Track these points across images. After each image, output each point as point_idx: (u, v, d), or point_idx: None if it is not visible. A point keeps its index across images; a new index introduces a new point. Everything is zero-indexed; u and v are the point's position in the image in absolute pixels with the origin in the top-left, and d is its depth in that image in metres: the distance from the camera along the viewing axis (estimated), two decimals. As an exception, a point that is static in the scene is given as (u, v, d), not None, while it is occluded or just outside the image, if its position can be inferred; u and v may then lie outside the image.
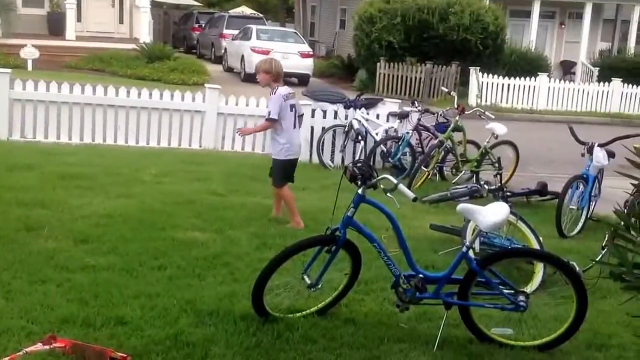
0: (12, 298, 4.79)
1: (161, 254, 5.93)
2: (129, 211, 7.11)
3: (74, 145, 11.04)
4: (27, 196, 7.33)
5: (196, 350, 4.25)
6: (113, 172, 9.01)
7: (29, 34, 22.45)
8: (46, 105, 11.15)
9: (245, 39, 24.60)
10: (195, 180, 8.96)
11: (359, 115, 11.17)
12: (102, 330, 4.42)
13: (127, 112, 11.44)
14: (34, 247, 5.85)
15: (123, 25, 26.95)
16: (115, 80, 15.99)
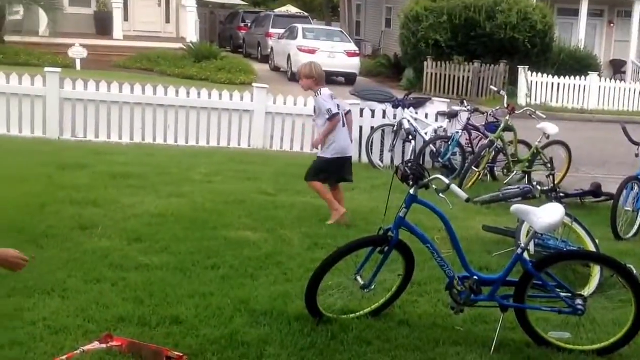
0: (68, 297, 4.85)
1: (214, 253, 5.95)
2: (181, 210, 7.16)
3: (124, 144, 11.18)
4: (80, 195, 7.42)
5: (251, 350, 4.24)
6: (163, 171, 9.09)
7: (76, 33, 22.83)
8: (96, 104, 11.30)
9: (291, 38, 24.65)
10: (245, 180, 8.99)
11: (407, 114, 11.09)
12: (157, 329, 4.44)
13: (176, 111, 11.54)
14: (88, 246, 5.92)
15: (170, 24, 27.25)
16: (163, 80, 16.15)
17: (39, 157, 9.36)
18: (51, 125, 11.08)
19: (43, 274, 5.15)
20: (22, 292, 4.82)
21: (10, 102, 10.99)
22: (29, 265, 5.23)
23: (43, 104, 11.02)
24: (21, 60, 19.56)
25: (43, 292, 4.86)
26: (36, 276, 5.07)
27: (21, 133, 10.98)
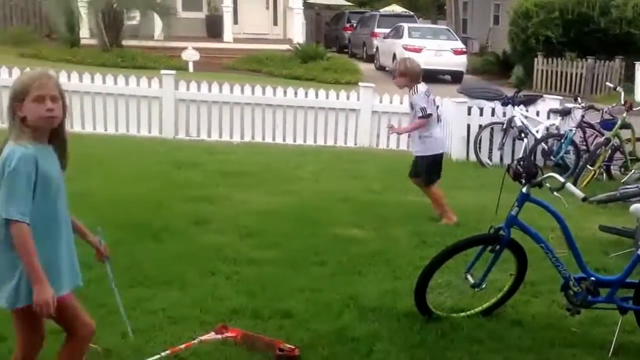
0: (186, 289, 5.04)
1: (322, 250, 6.03)
2: (290, 208, 7.29)
3: (235, 143, 11.49)
4: (194, 192, 7.68)
5: (361, 345, 4.28)
6: (273, 169, 9.28)
7: (189, 36, 23.58)
8: (209, 105, 11.67)
9: (396, 37, 24.59)
10: (351, 178, 9.06)
11: (518, 112, 10.87)
12: (269, 322, 4.55)
13: (284, 111, 11.76)
14: (203, 240, 6.13)
15: (277, 26, 27.75)
16: (271, 81, 16.49)
17: (155, 156, 9.75)
18: (167, 125, 11.52)
19: (162, 266, 5.38)
20: (142, 284, 5.05)
21: (129, 103, 11.49)
22: (150, 258, 5.53)
23: (159, 105, 11.48)
24: (138, 63, 20.40)
25: (162, 283, 5.08)
26: (156, 269, 5.32)
27: (139, 133, 11.47)
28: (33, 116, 3.01)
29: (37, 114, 3.01)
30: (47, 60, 20.13)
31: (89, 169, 8.44)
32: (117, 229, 6.15)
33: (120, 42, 22.27)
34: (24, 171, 2.93)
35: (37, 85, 3.00)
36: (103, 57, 20.79)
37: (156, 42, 23.17)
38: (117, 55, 20.98)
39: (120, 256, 5.49)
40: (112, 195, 7.25)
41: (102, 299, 4.68)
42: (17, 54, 20.96)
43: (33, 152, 2.98)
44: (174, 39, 22.67)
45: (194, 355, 4.02)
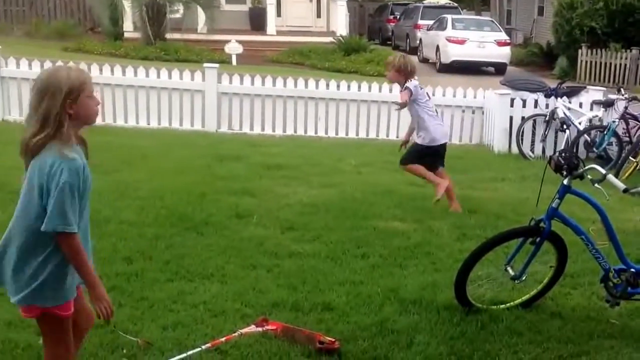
0: (227, 282, 5.09)
1: (363, 242, 6.04)
2: (332, 200, 7.31)
3: (277, 136, 11.55)
4: (237, 185, 7.75)
5: (401, 337, 4.29)
6: (315, 162, 9.31)
7: (232, 29, 23.69)
8: (251, 98, 11.74)
9: (440, 29, 24.40)
10: (393, 171, 9.00)
11: (561, 103, 10.72)
12: (310, 315, 4.58)
13: (326, 104, 11.78)
14: (245, 233, 6.18)
15: (320, 19, 27.73)
16: (314, 73, 16.51)
17: (198, 149, 9.86)
18: (209, 118, 11.63)
19: (203, 259, 5.45)
20: (184, 277, 5.11)
21: (172, 96, 11.63)
22: (191, 250, 5.61)
23: (202, 98, 11.59)
24: (181, 56, 20.60)
25: (203, 277, 5.14)
26: (197, 262, 5.38)
27: (181, 126, 11.60)
28: (87, 112, 3.00)
29: (91, 110, 3.02)
30: (90, 53, 20.45)
31: (132, 162, 8.60)
32: (159, 222, 6.29)
33: (163, 36, 22.48)
34: (75, 184, 2.91)
35: (90, 80, 3.01)
36: (146, 51, 21.03)
37: (199, 35, 23.34)
38: (160, 49, 21.21)
39: (161, 249, 5.61)
40: (154, 188, 7.35)
41: (142, 293, 4.77)
42: (61, 47, 21.33)
43: (80, 161, 2.95)
44: (217, 32, 22.80)
45: (235, 349, 4.06)
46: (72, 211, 2.91)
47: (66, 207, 2.88)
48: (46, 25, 25.04)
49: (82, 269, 3.00)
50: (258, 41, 23.89)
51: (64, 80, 2.94)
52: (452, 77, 20.14)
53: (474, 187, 8.34)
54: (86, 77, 2.98)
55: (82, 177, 2.95)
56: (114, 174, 7.89)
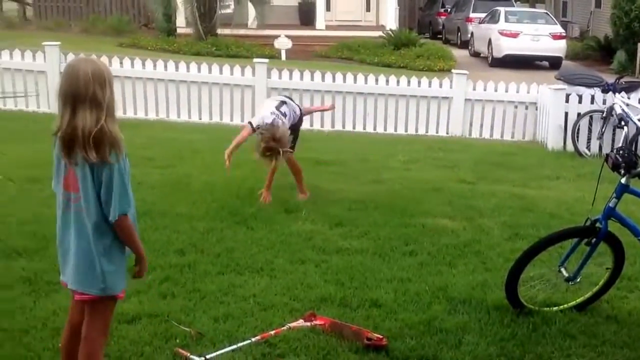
0: (276, 276, 5.12)
1: (411, 239, 6.00)
2: (380, 197, 7.28)
3: (326, 132, 11.53)
4: (285, 180, 7.74)
5: (449, 336, 4.25)
6: (363, 158, 9.28)
7: (281, 24, 23.75)
8: (300, 93, 11.73)
9: (492, 22, 24.05)
10: (442, 167, 8.96)
11: (619, 99, 10.46)
12: (358, 311, 4.57)
13: (375, 99, 11.71)
14: (293, 228, 6.19)
15: (370, 13, 27.63)
16: (363, 68, 16.46)
17: (248, 144, 9.87)
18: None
19: (253, 253, 5.49)
20: (234, 270, 5.16)
21: (222, 91, 11.71)
22: (241, 244, 5.64)
23: (252, 93, 11.63)
24: (232, 52, 20.75)
25: (253, 270, 5.18)
26: (247, 256, 5.42)
27: (232, 121, 11.66)
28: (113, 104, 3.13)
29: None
30: (144, 49, 20.75)
31: (184, 157, 8.69)
32: (210, 216, 6.35)
33: (214, 31, 22.67)
34: (125, 167, 3.08)
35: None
36: (198, 46, 21.24)
37: (249, 30, 23.47)
38: (211, 44, 21.39)
39: (212, 243, 5.67)
40: (206, 182, 7.42)
41: (194, 285, 4.85)
42: (117, 43, 21.70)
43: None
44: (266, 27, 22.89)
45: (284, 342, 4.09)
46: (128, 194, 3.10)
47: (124, 191, 3.07)
48: (102, 21, 25.50)
49: (137, 243, 3.23)
50: (307, 36, 23.91)
51: (105, 70, 3.07)
52: (505, 72, 19.88)
53: (527, 185, 8.20)
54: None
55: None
56: (167, 168, 7.99)
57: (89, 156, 2.97)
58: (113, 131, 3.01)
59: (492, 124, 11.56)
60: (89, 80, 2.97)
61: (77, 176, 3.07)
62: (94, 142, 2.96)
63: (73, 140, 2.98)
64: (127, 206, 3.08)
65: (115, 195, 3.03)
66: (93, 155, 2.97)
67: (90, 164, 3.01)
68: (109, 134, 2.99)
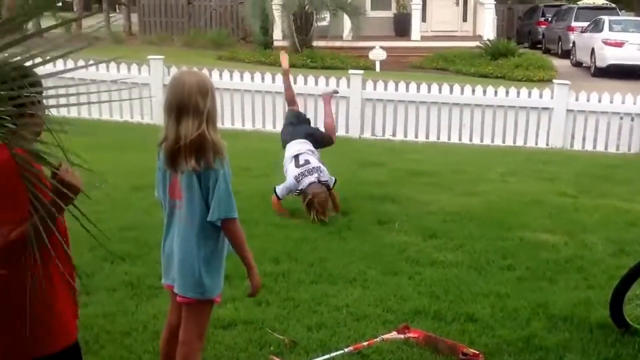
0: (369, 287, 5.09)
1: (509, 253, 5.85)
2: (476, 209, 7.14)
3: (420, 143, 11.44)
4: (378, 191, 7.73)
5: (549, 355, 4.11)
6: (458, 169, 9.13)
7: (376, 36, 23.74)
8: (394, 104, 11.70)
9: (596, 31, 23.27)
10: (542, 180, 8.70)
11: None
12: (452, 325, 4.49)
13: (471, 110, 11.54)
14: (386, 239, 6.15)
15: (466, 23, 27.26)
16: (458, 79, 16.24)
17: (341, 154, 9.89)
18: (353, 124, 11.69)
19: (346, 264, 5.48)
20: (327, 280, 5.17)
21: (317, 103, 11.74)
22: (334, 254, 5.64)
23: (346, 104, 11.66)
24: (327, 63, 20.87)
25: (346, 280, 5.16)
26: (340, 266, 5.42)
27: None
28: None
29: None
30: (242, 62, 21.16)
31: (279, 167, 8.76)
32: (303, 225, 6.38)
33: (310, 43, 22.90)
34: (230, 173, 3.18)
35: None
36: (293, 58, 21.40)
37: (344, 42, 23.57)
38: (306, 56, 21.60)
39: (306, 252, 5.70)
40: (300, 192, 7.46)
41: (288, 293, 4.87)
42: (216, 56, 22.24)
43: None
44: (361, 38, 22.94)
45: (377, 354, 4.06)
46: (233, 198, 3.19)
47: (230, 195, 3.16)
48: (203, 35, 26.21)
49: (245, 249, 3.30)
50: (402, 47, 23.80)
51: (210, 82, 3.20)
52: (608, 82, 19.17)
53: (633, 200, 7.85)
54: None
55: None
56: (262, 177, 8.10)
57: (193, 165, 3.06)
58: (215, 138, 3.09)
59: (595, 136, 11.18)
60: (192, 90, 3.07)
61: (181, 184, 3.18)
62: (196, 148, 3.05)
63: (178, 149, 3.08)
64: (232, 210, 3.16)
65: (221, 199, 3.11)
66: (197, 163, 3.06)
67: (196, 173, 3.10)
68: (211, 140, 3.08)
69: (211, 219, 3.14)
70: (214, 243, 3.24)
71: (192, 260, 3.21)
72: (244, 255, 3.28)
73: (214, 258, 3.26)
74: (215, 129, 3.13)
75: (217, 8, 28.40)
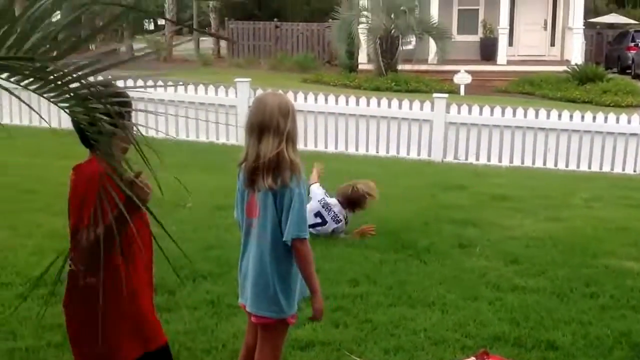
0: (447, 311, 5.07)
1: (592, 281, 5.73)
2: (559, 235, 7.02)
3: (503, 167, 11.32)
4: (460, 215, 7.70)
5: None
6: (542, 194, 8.99)
7: (461, 59, 23.66)
8: (478, 128, 11.63)
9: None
10: (629, 207, 8.48)
11: None
12: (533, 352, 4.44)
13: (557, 135, 11.37)
14: (467, 264, 6.12)
15: (554, 47, 26.87)
16: (544, 103, 16.02)
17: (423, 177, 9.94)
18: (436, 147, 11.68)
19: (425, 287, 5.48)
20: (406, 303, 5.18)
21: (400, 126, 11.83)
22: (413, 277, 5.66)
23: (429, 128, 11.67)
24: (411, 87, 20.94)
25: (425, 304, 5.17)
26: (419, 289, 5.43)
27: (408, 155, 11.76)
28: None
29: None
30: (327, 84, 21.45)
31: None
32: (383, 247, 6.42)
33: (395, 67, 23.01)
34: (305, 194, 3.24)
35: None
36: (377, 82, 21.63)
37: (429, 65, 23.58)
38: (391, 80, 21.71)
39: (385, 274, 5.73)
40: (380, 214, 7.49)
41: (366, 315, 4.92)
42: (301, 79, 22.61)
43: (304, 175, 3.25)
44: (447, 62, 22.90)
45: (454, 378, 4.05)
46: (305, 218, 3.25)
47: (302, 215, 3.21)
48: (289, 58, 26.72)
49: (310, 271, 3.31)
50: (487, 71, 23.64)
51: (291, 104, 3.29)
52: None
53: None
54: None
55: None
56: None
57: (270, 183, 3.14)
58: (293, 158, 3.17)
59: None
60: (274, 111, 3.17)
61: (258, 202, 3.25)
62: (274, 167, 3.14)
63: (256, 168, 3.17)
64: (302, 231, 3.20)
65: (294, 218, 3.16)
66: (273, 181, 3.14)
67: (272, 191, 3.17)
68: (289, 160, 3.15)
69: (285, 239, 3.19)
70: (289, 262, 3.26)
71: (267, 278, 3.26)
72: (309, 277, 3.28)
73: (289, 277, 3.29)
74: (294, 150, 3.20)
75: (304, 32, 28.93)
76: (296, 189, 3.17)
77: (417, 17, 22.70)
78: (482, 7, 26.57)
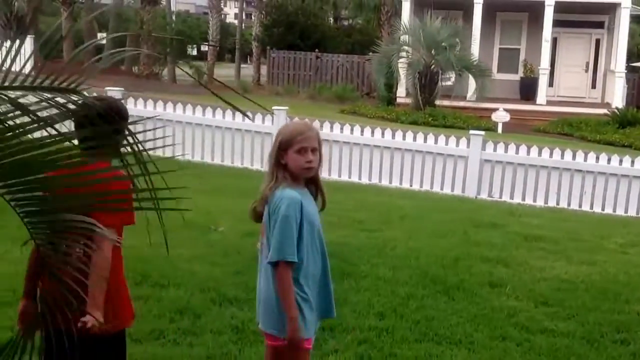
0: (475, 350, 5.02)
1: (624, 327, 5.62)
2: (592, 279, 6.91)
3: (538, 207, 11.21)
4: (491, 253, 7.62)
5: None
6: (576, 237, 8.87)
7: (500, 98, 23.61)
8: (514, 167, 11.56)
9: None
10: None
11: None
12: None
13: (594, 177, 11.26)
14: (496, 303, 6.04)
15: (595, 90, 26.69)
16: (582, 145, 15.87)
17: (456, 213, 9.87)
18: (470, 184, 11.62)
19: (452, 324, 5.42)
20: (432, 339, 5.13)
21: (435, 161, 11.82)
22: (441, 314, 5.61)
23: (464, 164, 11.64)
24: (448, 122, 20.93)
25: (451, 342, 5.11)
26: (446, 326, 5.38)
27: (442, 190, 11.72)
28: (294, 165, 3.29)
29: (297, 164, 3.29)
30: (364, 116, 21.53)
31: (392, 222, 8.85)
32: (412, 282, 6.38)
33: (433, 102, 23.04)
34: (292, 216, 3.21)
35: (301, 138, 3.26)
36: (415, 116, 21.66)
37: (467, 102, 23.56)
38: (428, 114, 21.73)
39: (412, 309, 5.69)
40: (410, 248, 7.49)
41: (392, 349, 4.88)
42: (338, 110, 22.74)
43: (299, 197, 3.26)
44: (485, 99, 22.87)
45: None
46: (289, 241, 3.20)
47: (284, 238, 3.19)
48: (328, 89, 26.94)
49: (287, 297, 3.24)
50: (526, 110, 23.54)
51: (283, 133, 3.33)
52: None
53: None
54: (300, 133, 3.26)
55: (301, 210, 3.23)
56: (375, 232, 8.18)
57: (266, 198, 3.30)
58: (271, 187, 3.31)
59: None
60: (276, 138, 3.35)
61: (265, 223, 3.35)
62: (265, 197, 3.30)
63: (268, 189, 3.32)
64: (287, 254, 3.19)
65: (276, 239, 3.20)
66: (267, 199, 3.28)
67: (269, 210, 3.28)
68: (267, 190, 3.33)
69: (269, 260, 3.23)
70: (295, 283, 3.25)
71: (271, 297, 3.32)
72: (282, 301, 3.23)
73: (298, 298, 3.27)
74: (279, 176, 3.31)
75: (344, 63, 29.16)
76: (284, 213, 3.19)
77: (458, 54, 22.73)
78: (523, 46, 26.54)
